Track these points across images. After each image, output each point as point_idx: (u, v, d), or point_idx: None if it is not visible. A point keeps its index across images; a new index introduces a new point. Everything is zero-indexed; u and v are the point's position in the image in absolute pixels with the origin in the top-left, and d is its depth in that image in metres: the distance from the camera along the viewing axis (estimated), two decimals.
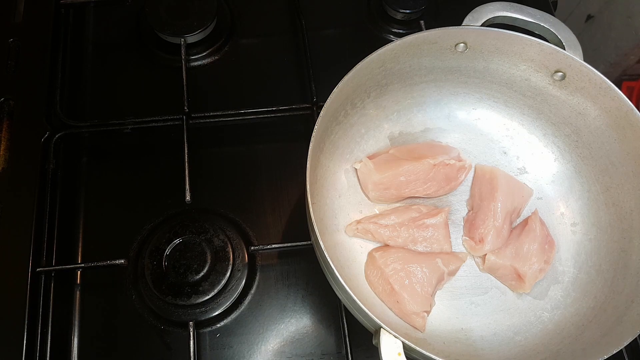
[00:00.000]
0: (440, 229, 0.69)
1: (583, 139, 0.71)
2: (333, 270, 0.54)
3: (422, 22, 0.86)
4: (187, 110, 0.78)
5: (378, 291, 0.66)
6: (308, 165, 0.59)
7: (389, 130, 0.76)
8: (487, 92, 0.75)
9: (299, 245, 0.71)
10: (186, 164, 0.74)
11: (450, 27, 0.67)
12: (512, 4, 0.70)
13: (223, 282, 0.69)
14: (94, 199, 0.77)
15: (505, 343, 0.64)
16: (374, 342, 0.54)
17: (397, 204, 0.73)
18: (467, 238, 0.71)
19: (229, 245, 0.71)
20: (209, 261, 0.70)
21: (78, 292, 0.71)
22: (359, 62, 0.64)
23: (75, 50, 0.86)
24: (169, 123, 0.79)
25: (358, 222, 0.69)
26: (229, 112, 0.80)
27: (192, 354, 0.66)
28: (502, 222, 0.69)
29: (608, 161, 0.68)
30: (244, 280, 0.70)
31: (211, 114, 0.79)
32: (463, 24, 0.68)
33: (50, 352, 0.67)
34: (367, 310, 0.52)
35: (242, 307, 0.71)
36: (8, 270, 0.67)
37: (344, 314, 0.68)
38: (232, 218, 0.75)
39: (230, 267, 0.70)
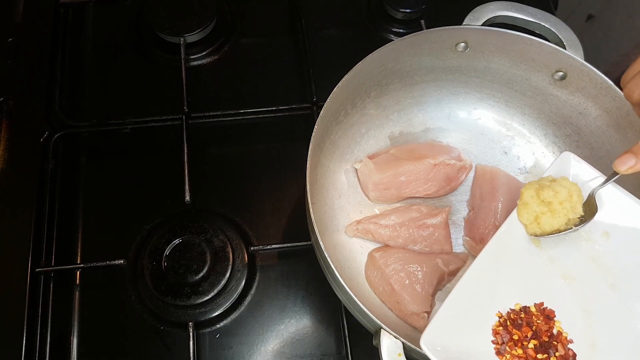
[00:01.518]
0: (441, 229, 0.69)
1: (584, 139, 0.71)
2: (333, 270, 0.54)
3: (422, 21, 0.86)
4: (186, 110, 0.78)
5: (378, 291, 0.66)
6: (308, 165, 0.59)
7: (389, 130, 0.76)
8: (487, 92, 0.75)
9: (299, 245, 0.70)
10: (186, 164, 0.73)
11: (451, 27, 0.67)
12: (512, 3, 0.70)
13: (223, 282, 0.69)
14: (94, 199, 0.76)
15: None
16: (374, 343, 0.54)
17: (397, 204, 0.73)
18: (467, 238, 0.71)
19: (229, 246, 0.71)
20: (208, 261, 0.70)
21: (78, 292, 0.71)
22: (359, 62, 0.63)
23: (75, 50, 0.86)
24: (168, 123, 0.78)
25: (358, 222, 0.69)
26: (229, 112, 0.79)
27: (191, 354, 0.65)
28: (503, 221, 0.69)
29: (609, 161, 0.67)
30: (243, 281, 0.70)
31: (211, 113, 0.79)
32: (463, 23, 0.68)
33: (50, 352, 0.67)
34: (367, 311, 0.52)
35: (242, 308, 0.71)
36: (8, 270, 0.67)
37: (344, 314, 0.68)
38: (232, 218, 0.75)
39: (230, 268, 0.70)
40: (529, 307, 0.53)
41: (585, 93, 0.67)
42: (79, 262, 0.73)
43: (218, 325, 0.70)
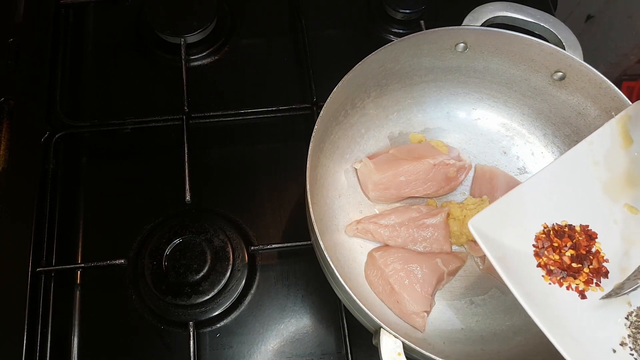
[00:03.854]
0: (440, 229, 0.69)
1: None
2: (333, 270, 0.54)
3: (422, 22, 0.86)
4: (187, 110, 0.78)
5: (378, 291, 0.66)
6: (308, 165, 0.59)
7: (389, 130, 0.76)
8: (487, 92, 0.76)
9: (299, 245, 0.71)
10: (186, 164, 0.74)
11: (450, 27, 0.67)
12: (512, 3, 0.70)
13: (223, 282, 0.69)
14: (94, 199, 0.77)
15: (505, 343, 0.64)
16: (374, 342, 0.54)
17: (397, 204, 0.73)
18: None
19: (229, 245, 0.71)
20: (208, 261, 0.70)
21: (78, 292, 0.71)
22: (359, 62, 0.64)
23: (75, 50, 0.86)
24: (169, 123, 0.79)
25: (358, 222, 0.69)
26: (229, 112, 0.80)
27: (192, 354, 0.66)
28: None
29: None
30: (244, 280, 0.70)
31: (211, 114, 0.80)
32: (463, 24, 0.68)
33: (50, 352, 0.67)
34: (367, 310, 0.52)
35: (242, 307, 0.71)
36: (8, 270, 0.67)
37: (344, 314, 0.68)
38: (232, 218, 0.75)
39: (230, 267, 0.70)
40: (574, 226, 0.55)
41: (585, 93, 0.67)
42: (79, 261, 0.73)
43: (218, 325, 0.70)
